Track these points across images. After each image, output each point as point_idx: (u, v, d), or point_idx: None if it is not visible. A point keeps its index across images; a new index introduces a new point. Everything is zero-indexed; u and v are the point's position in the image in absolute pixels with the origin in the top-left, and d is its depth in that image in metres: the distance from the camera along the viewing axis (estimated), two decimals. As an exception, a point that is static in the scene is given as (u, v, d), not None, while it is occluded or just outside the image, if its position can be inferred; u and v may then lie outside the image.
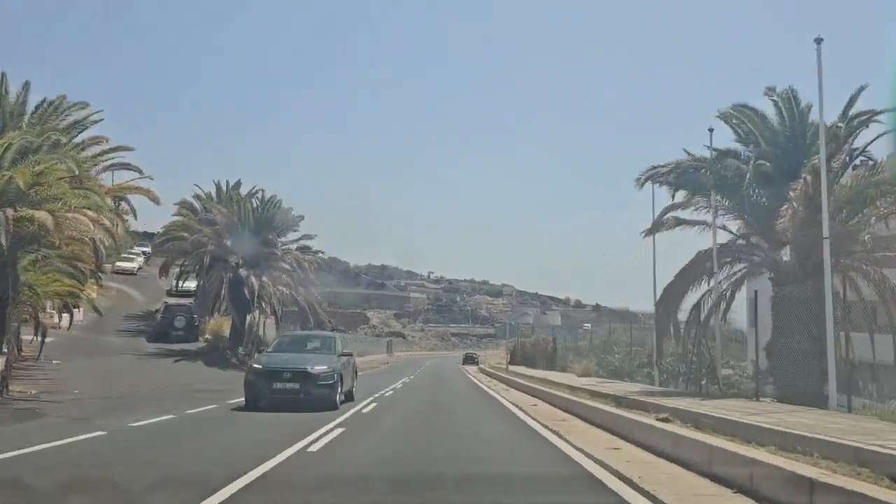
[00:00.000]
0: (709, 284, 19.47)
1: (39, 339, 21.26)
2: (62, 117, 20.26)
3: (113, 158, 21.78)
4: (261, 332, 32.24)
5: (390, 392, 22.20)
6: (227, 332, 31.52)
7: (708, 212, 19.83)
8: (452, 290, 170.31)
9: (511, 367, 38.78)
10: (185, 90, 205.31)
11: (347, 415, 13.92)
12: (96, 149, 21.20)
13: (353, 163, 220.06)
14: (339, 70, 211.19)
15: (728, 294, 19.73)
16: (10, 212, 13.82)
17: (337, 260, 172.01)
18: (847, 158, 17.40)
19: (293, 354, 16.31)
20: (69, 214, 14.60)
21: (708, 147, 19.70)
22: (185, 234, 31.86)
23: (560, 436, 10.95)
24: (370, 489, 6.71)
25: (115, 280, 38.08)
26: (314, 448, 9.30)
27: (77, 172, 15.92)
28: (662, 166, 19.48)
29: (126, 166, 22.20)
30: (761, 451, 6.77)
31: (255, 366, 15.70)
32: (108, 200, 19.02)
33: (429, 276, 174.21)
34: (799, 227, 17.06)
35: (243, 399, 15.13)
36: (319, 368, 15.19)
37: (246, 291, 27.67)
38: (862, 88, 16.88)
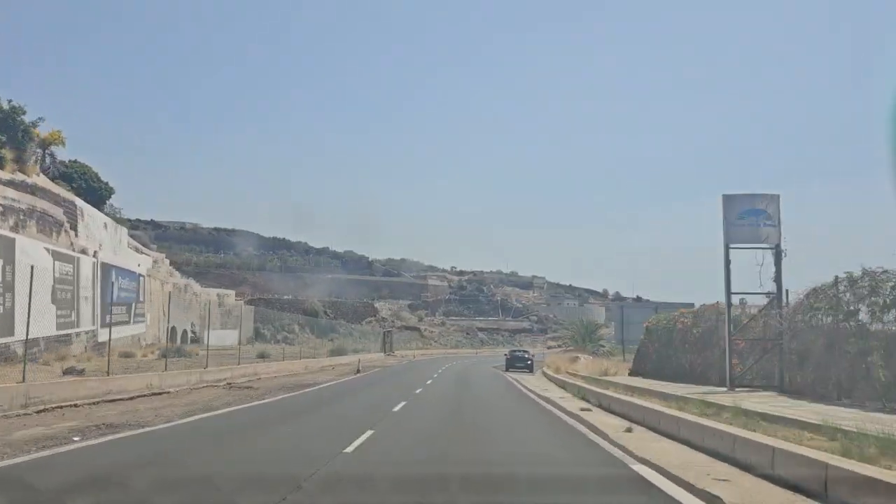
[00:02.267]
0: None
1: None
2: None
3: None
4: None
5: None
6: None
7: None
8: (477, 281, 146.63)
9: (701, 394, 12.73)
10: (197, 94, 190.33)
11: None
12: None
13: (370, 162, 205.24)
14: (353, 68, 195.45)
15: None
16: None
17: (352, 253, 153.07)
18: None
19: None
20: None
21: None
22: None
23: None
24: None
25: None
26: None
27: None
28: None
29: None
30: None
31: None
32: None
33: (451, 270, 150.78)
34: None
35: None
36: None
37: None
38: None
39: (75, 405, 13.12)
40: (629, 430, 9.85)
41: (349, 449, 8.71)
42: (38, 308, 17.80)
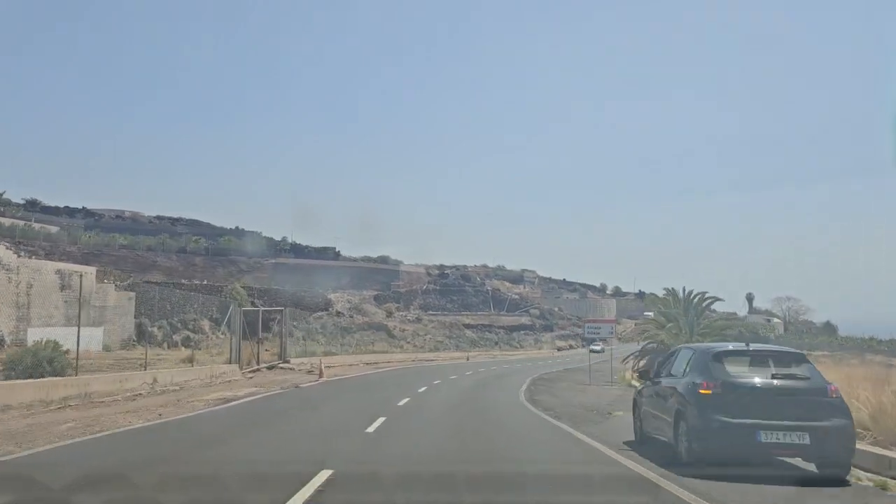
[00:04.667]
0: None
1: None
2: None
3: None
4: None
5: None
6: None
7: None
8: (461, 276, 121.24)
9: None
10: (190, 89, 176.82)
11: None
12: None
13: (353, 160, 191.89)
14: (340, 65, 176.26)
15: None
16: None
17: (327, 249, 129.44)
18: None
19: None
20: None
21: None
22: None
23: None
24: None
25: None
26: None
27: None
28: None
29: None
30: None
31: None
32: None
33: (430, 266, 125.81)
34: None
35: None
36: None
37: None
38: None
39: None
40: None
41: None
42: None
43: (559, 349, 79.62)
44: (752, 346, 9.74)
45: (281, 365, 32.45)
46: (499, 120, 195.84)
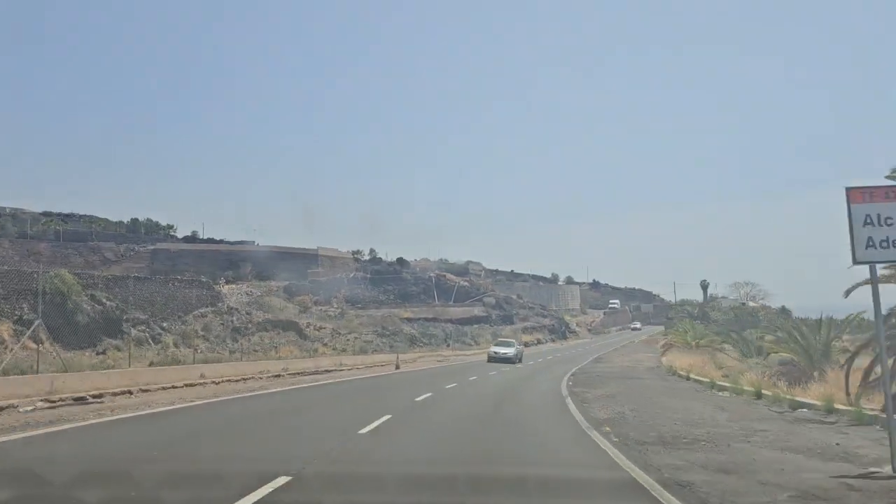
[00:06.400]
0: None
1: None
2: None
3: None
4: None
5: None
6: None
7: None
8: (398, 262, 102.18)
9: None
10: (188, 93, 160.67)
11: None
12: None
13: (351, 160, 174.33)
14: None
15: None
16: None
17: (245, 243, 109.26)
18: None
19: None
20: None
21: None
22: None
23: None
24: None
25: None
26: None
27: None
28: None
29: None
30: None
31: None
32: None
33: (357, 254, 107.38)
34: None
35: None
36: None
37: None
38: None
39: None
40: None
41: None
42: None
43: (525, 344, 61.11)
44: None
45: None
46: (492, 118, 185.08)
